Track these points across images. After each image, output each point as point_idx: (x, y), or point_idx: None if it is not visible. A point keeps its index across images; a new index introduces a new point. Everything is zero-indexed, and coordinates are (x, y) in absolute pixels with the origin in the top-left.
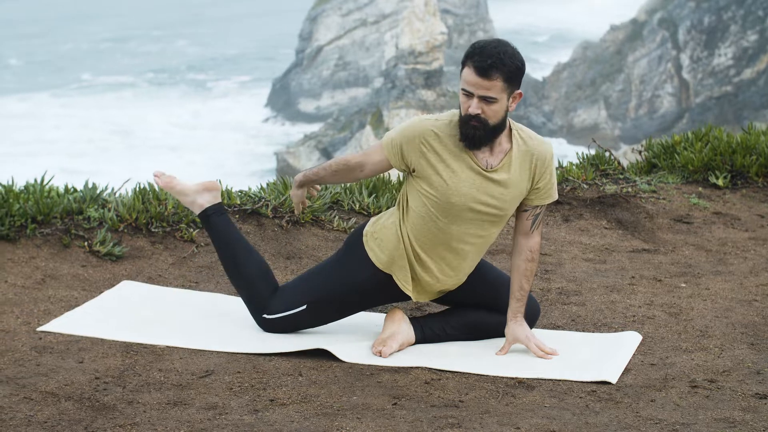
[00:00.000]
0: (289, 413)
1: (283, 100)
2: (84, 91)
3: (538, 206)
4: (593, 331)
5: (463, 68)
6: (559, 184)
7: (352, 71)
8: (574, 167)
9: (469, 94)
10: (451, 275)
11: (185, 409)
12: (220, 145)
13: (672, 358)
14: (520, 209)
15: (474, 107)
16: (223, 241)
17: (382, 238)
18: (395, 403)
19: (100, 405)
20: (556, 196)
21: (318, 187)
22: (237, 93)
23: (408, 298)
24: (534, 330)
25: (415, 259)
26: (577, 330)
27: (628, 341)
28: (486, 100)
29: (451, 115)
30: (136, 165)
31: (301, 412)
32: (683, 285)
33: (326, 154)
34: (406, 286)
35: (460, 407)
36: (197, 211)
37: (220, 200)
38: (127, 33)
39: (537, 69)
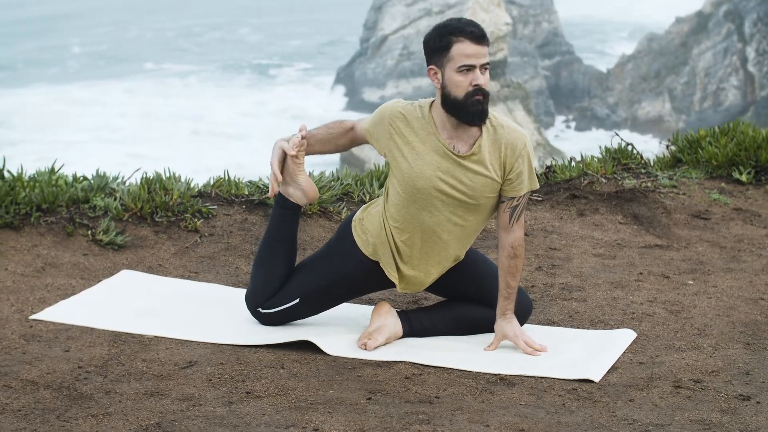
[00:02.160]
0: (262, 406)
1: (347, 89)
2: (148, 79)
3: (514, 198)
4: (589, 328)
5: (451, 47)
6: (577, 177)
7: (416, 61)
8: (595, 161)
9: (469, 68)
10: (434, 265)
11: (160, 400)
12: (285, 133)
13: (662, 356)
14: (498, 201)
15: (481, 78)
16: (275, 233)
17: (368, 225)
18: (369, 398)
19: (77, 394)
20: (535, 186)
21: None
22: (301, 82)
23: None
24: (526, 326)
25: (395, 248)
26: (573, 326)
27: (621, 339)
28: (485, 67)
29: (422, 101)
30: (202, 152)
31: (275, 405)
32: (690, 282)
33: None
34: (392, 273)
35: (434, 403)
36: (281, 192)
37: (302, 204)
38: (190, 22)
39: (601, 61)
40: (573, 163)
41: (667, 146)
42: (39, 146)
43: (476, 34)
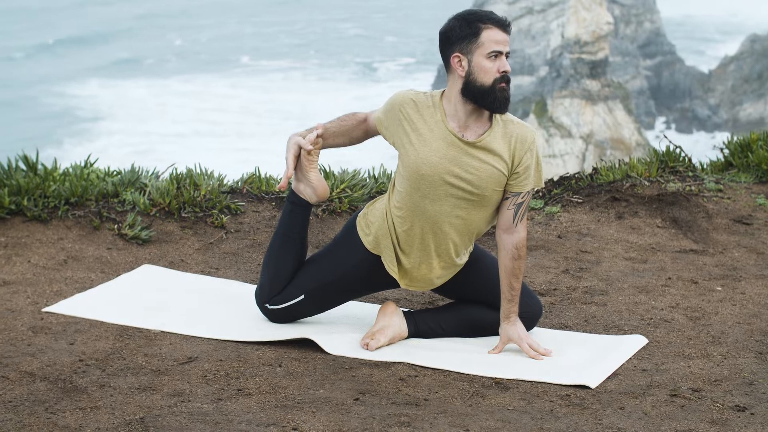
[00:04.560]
0: (249, 404)
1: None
2: (250, 74)
3: (519, 194)
4: (601, 333)
5: (480, 33)
6: (619, 180)
7: (517, 59)
8: (639, 164)
9: (497, 55)
10: (434, 257)
11: (151, 395)
12: None
13: (668, 364)
14: (503, 199)
15: (507, 65)
16: (284, 229)
17: (371, 218)
18: (357, 399)
19: (71, 387)
20: (540, 184)
21: (319, 143)
22: (402, 77)
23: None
24: (535, 329)
25: (396, 239)
26: (586, 331)
27: (629, 345)
28: (507, 56)
29: (434, 92)
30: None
31: (262, 404)
32: (719, 288)
33: None
34: (392, 268)
35: (420, 406)
36: (293, 188)
37: (312, 203)
38: (292, 17)
39: (703, 61)
40: (617, 165)
41: (721, 149)
42: (136, 138)
43: (503, 22)
